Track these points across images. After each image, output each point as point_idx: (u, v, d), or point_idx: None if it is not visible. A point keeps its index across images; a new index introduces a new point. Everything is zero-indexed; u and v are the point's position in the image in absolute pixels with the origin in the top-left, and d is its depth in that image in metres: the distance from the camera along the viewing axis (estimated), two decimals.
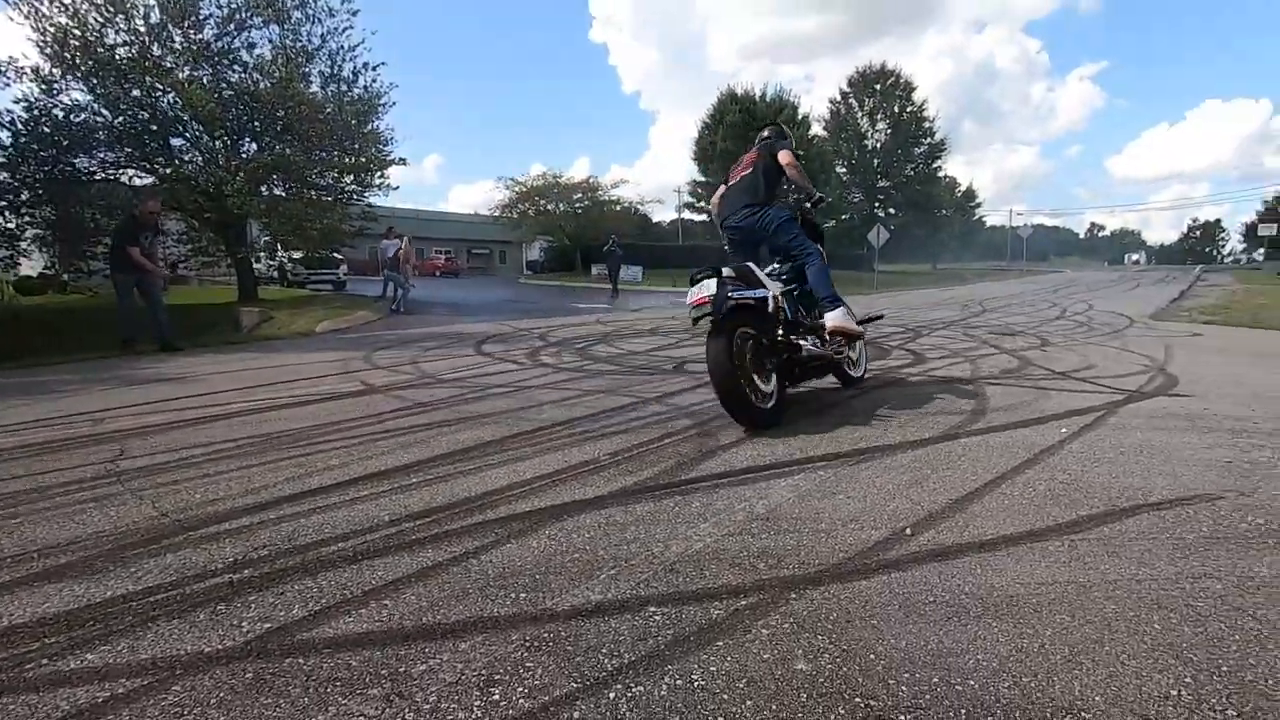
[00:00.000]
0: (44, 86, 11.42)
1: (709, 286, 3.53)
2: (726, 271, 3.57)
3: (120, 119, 12.04)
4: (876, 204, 50.28)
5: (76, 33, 11.24)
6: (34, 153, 11.46)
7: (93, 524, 2.31)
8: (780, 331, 3.73)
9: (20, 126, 11.24)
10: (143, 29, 11.96)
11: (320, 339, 9.20)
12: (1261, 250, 66.54)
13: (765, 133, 4.42)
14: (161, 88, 11.88)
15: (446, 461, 2.97)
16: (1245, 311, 10.49)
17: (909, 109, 47.19)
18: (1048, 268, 59.23)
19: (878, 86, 47.26)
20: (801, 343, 3.80)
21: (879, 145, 47.43)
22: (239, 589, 1.82)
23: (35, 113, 11.40)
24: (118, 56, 11.56)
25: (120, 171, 12.84)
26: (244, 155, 13.32)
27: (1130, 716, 1.28)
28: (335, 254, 21.07)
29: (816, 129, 43.14)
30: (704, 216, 45.47)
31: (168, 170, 12.40)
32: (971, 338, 7.57)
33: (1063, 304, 13.39)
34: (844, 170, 48.94)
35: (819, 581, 1.83)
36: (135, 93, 11.92)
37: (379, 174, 14.97)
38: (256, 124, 13.30)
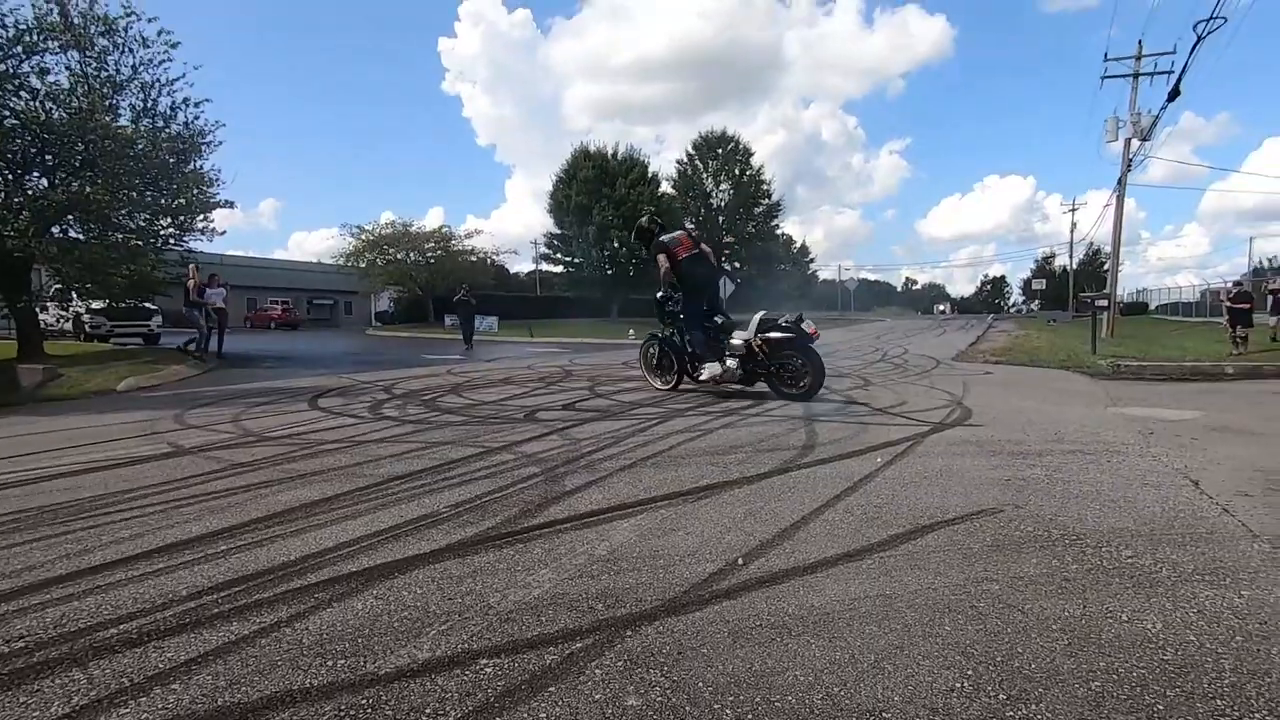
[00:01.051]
0: None
1: (811, 323, 6.22)
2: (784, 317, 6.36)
3: None
4: (723, 258, 53.63)
5: None
6: None
7: None
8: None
9: None
10: None
11: (123, 398, 8.09)
12: (1037, 301, 78.66)
13: (688, 227, 7.50)
14: None
15: (263, 525, 2.70)
16: (1025, 353, 12.25)
17: (748, 172, 51.10)
18: (872, 317, 65.65)
19: (720, 150, 50.85)
20: None
21: (723, 204, 50.82)
22: None
23: None
24: None
25: None
26: (29, 191, 11.66)
27: (923, 711, 1.41)
28: (147, 304, 18.77)
29: (666, 187, 45.50)
30: (560, 268, 45.92)
31: None
32: None
33: (884, 348, 14.88)
34: (692, 225, 51.82)
35: (654, 617, 1.85)
36: None
37: (201, 217, 13.72)
38: (49, 157, 11.74)
